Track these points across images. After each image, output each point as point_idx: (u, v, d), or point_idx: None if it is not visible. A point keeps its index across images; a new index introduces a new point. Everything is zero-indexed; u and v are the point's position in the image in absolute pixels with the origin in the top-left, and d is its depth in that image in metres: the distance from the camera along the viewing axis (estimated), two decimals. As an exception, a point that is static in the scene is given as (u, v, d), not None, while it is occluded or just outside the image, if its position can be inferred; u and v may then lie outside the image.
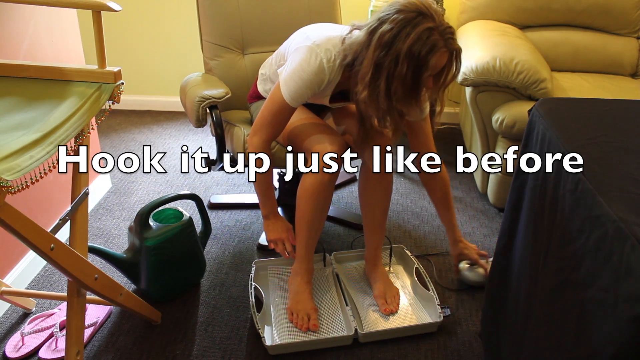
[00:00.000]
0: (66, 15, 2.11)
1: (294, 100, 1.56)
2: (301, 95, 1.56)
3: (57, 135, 1.13)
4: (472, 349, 1.68)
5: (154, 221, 1.79)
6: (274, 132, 1.63)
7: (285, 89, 1.56)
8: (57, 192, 2.05)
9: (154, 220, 1.80)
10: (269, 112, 1.61)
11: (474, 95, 2.23)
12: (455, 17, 2.89)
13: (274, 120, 1.61)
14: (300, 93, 1.55)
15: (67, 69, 1.32)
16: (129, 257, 1.74)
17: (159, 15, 3.16)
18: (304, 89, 1.54)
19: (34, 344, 1.63)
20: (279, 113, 1.60)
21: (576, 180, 1.00)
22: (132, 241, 1.76)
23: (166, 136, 3.04)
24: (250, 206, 2.39)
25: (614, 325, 0.82)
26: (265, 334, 1.67)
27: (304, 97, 1.57)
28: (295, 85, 1.54)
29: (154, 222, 1.77)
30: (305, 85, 1.54)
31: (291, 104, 1.57)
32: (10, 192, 0.99)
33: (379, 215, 1.79)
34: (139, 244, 1.72)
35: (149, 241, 1.71)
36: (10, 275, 1.82)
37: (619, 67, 2.65)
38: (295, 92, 1.55)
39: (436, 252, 2.11)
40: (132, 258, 1.74)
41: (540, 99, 1.33)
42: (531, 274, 1.21)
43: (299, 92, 1.55)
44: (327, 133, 1.67)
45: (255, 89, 1.93)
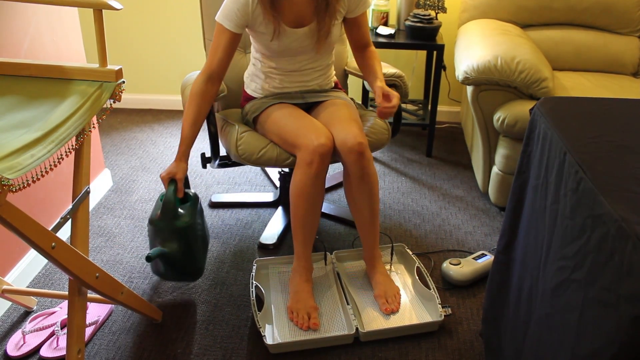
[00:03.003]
0: (67, 14, 2.11)
1: (224, 17, 1.69)
2: (229, 10, 1.68)
3: (58, 133, 1.13)
4: (473, 348, 1.68)
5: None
6: (211, 61, 1.72)
7: (218, 13, 1.70)
8: (58, 190, 2.05)
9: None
10: (211, 46, 1.75)
11: (475, 94, 2.23)
12: (457, 15, 2.88)
13: (211, 48, 1.73)
14: (228, 8, 1.68)
15: (68, 68, 1.33)
16: (175, 247, 1.64)
17: (161, 13, 3.16)
18: (230, 3, 1.67)
19: (35, 342, 1.63)
20: (215, 38, 1.72)
21: (578, 179, 1.00)
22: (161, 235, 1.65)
23: (167, 135, 3.04)
24: (251, 205, 2.39)
25: (615, 324, 0.82)
26: (266, 332, 1.67)
27: (232, 11, 1.67)
28: (224, 4, 1.69)
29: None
30: (231, 0, 1.67)
31: (224, 23, 1.68)
32: (11, 190, 0.99)
33: (368, 216, 1.79)
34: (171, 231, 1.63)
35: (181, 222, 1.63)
36: (12, 274, 1.82)
37: (621, 66, 2.65)
38: (224, 9, 1.68)
39: (437, 251, 2.11)
40: (178, 247, 1.64)
41: (542, 98, 1.33)
42: (532, 273, 1.21)
43: (226, 7, 1.68)
44: (313, 127, 1.71)
45: (245, 94, 1.99)
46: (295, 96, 1.90)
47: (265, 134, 1.85)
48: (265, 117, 1.84)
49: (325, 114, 1.82)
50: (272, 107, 1.85)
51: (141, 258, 2.03)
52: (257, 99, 1.92)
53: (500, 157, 2.25)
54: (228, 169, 2.65)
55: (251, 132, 1.87)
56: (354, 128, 1.72)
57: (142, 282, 1.92)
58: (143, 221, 2.26)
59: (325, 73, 1.94)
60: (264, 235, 2.16)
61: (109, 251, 2.08)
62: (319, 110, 1.88)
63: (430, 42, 2.68)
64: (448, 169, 2.75)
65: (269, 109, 1.85)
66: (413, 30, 2.68)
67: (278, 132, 1.78)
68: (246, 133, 1.85)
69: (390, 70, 2.01)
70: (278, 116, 1.80)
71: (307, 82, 1.91)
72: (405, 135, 3.13)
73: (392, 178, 2.65)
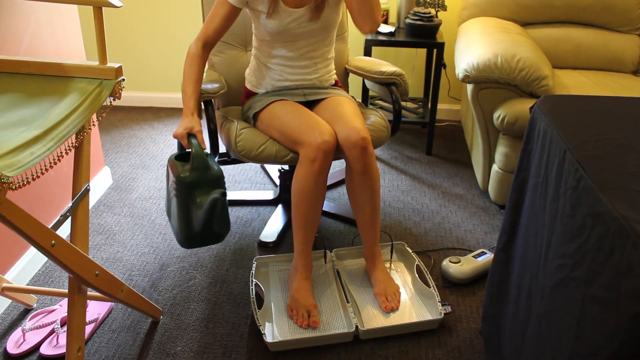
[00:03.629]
0: (67, 12, 2.11)
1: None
2: None
3: (58, 131, 1.13)
4: (472, 346, 1.68)
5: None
6: (207, 28, 1.79)
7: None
8: (58, 188, 2.05)
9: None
10: (209, 14, 1.80)
11: (475, 93, 2.23)
12: (457, 13, 2.88)
13: (209, 17, 1.80)
14: None
15: (68, 65, 1.32)
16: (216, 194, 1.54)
17: (161, 11, 3.16)
18: None
19: (35, 340, 1.64)
20: (214, 7, 1.79)
21: (577, 177, 1.00)
22: (198, 189, 1.56)
23: (167, 133, 3.04)
24: (251, 203, 2.39)
25: (615, 322, 0.82)
26: (266, 330, 1.67)
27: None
28: None
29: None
30: None
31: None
32: (11, 188, 0.99)
33: (369, 213, 1.79)
34: (209, 182, 1.57)
35: (216, 171, 1.59)
36: (12, 272, 1.82)
37: (621, 65, 2.65)
38: None
39: (437, 249, 2.11)
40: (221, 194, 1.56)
41: (542, 96, 1.33)
42: (532, 271, 1.21)
43: None
44: (316, 124, 1.72)
45: (245, 90, 1.99)
46: (296, 93, 1.90)
47: (266, 130, 1.85)
48: (266, 113, 1.85)
49: (328, 111, 1.82)
50: (273, 103, 1.85)
51: (141, 256, 2.03)
52: (258, 95, 1.92)
53: (500, 155, 2.25)
54: (228, 167, 2.65)
55: (250, 129, 1.87)
56: (357, 123, 1.72)
57: (141, 279, 1.92)
58: (143, 219, 2.26)
59: (326, 67, 1.94)
60: (264, 233, 2.16)
61: (109, 249, 2.08)
62: (320, 107, 1.88)
63: (431, 40, 2.68)
64: (448, 167, 2.75)
65: (270, 105, 1.85)
66: (413, 28, 2.68)
67: (280, 128, 1.78)
68: (245, 129, 1.85)
69: (390, 68, 2.01)
70: (280, 113, 1.80)
71: (308, 75, 1.91)
72: (405, 133, 3.13)
73: (392, 176, 2.65)
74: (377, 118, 1.94)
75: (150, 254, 2.05)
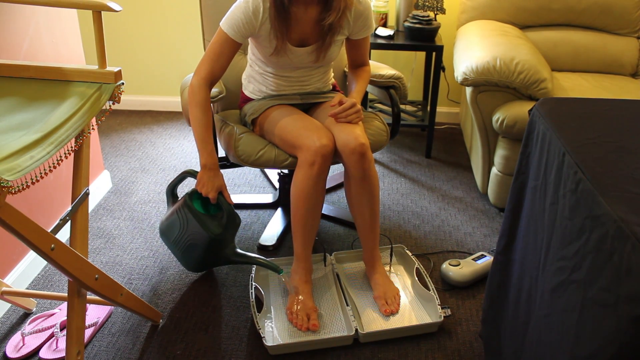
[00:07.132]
0: (66, 16, 2.11)
1: (229, 27, 1.66)
2: (236, 21, 1.65)
3: (57, 135, 1.13)
4: (472, 349, 1.68)
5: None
6: (213, 67, 1.70)
7: (223, 20, 1.68)
8: (57, 192, 2.05)
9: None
10: (210, 48, 1.71)
11: (474, 95, 2.23)
12: (456, 17, 2.89)
13: (212, 54, 1.70)
14: (235, 18, 1.65)
15: (67, 69, 1.33)
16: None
17: (160, 15, 3.16)
18: (239, 13, 1.65)
19: (34, 344, 1.63)
20: (217, 45, 1.69)
21: (577, 180, 1.00)
22: (229, 239, 1.78)
23: (167, 136, 3.04)
24: (250, 206, 2.39)
25: (614, 325, 0.82)
26: (266, 334, 1.67)
27: (238, 22, 1.65)
28: (231, 13, 1.67)
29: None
30: (240, 11, 1.65)
31: (228, 32, 1.66)
32: (10, 192, 0.99)
33: (368, 217, 1.79)
34: (233, 234, 1.79)
35: (238, 221, 1.80)
36: (11, 276, 1.82)
37: (620, 67, 2.65)
38: (231, 18, 1.66)
39: (437, 252, 2.11)
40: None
41: (541, 99, 1.33)
42: (532, 274, 1.21)
43: (233, 16, 1.66)
44: (314, 128, 1.72)
45: (243, 95, 1.99)
46: (293, 98, 1.90)
47: (265, 135, 1.85)
48: (264, 118, 1.84)
49: (325, 115, 1.82)
50: (271, 108, 1.85)
51: (141, 259, 2.03)
52: (256, 101, 1.92)
53: (500, 158, 2.25)
54: (227, 170, 2.65)
55: (250, 133, 1.87)
56: (355, 129, 1.72)
57: (141, 283, 1.92)
58: (142, 222, 2.26)
59: (323, 78, 1.94)
60: (264, 237, 2.16)
61: (109, 253, 2.07)
62: (318, 111, 1.88)
63: (429, 43, 2.68)
64: (447, 170, 2.75)
65: (268, 110, 1.85)
66: (412, 31, 2.68)
67: (278, 133, 1.78)
68: (245, 134, 1.85)
69: (390, 71, 2.01)
70: (278, 117, 1.80)
71: (305, 86, 1.91)
72: (404, 136, 3.14)
73: (391, 179, 2.65)
74: (376, 122, 1.94)
75: (150, 257, 2.05)
